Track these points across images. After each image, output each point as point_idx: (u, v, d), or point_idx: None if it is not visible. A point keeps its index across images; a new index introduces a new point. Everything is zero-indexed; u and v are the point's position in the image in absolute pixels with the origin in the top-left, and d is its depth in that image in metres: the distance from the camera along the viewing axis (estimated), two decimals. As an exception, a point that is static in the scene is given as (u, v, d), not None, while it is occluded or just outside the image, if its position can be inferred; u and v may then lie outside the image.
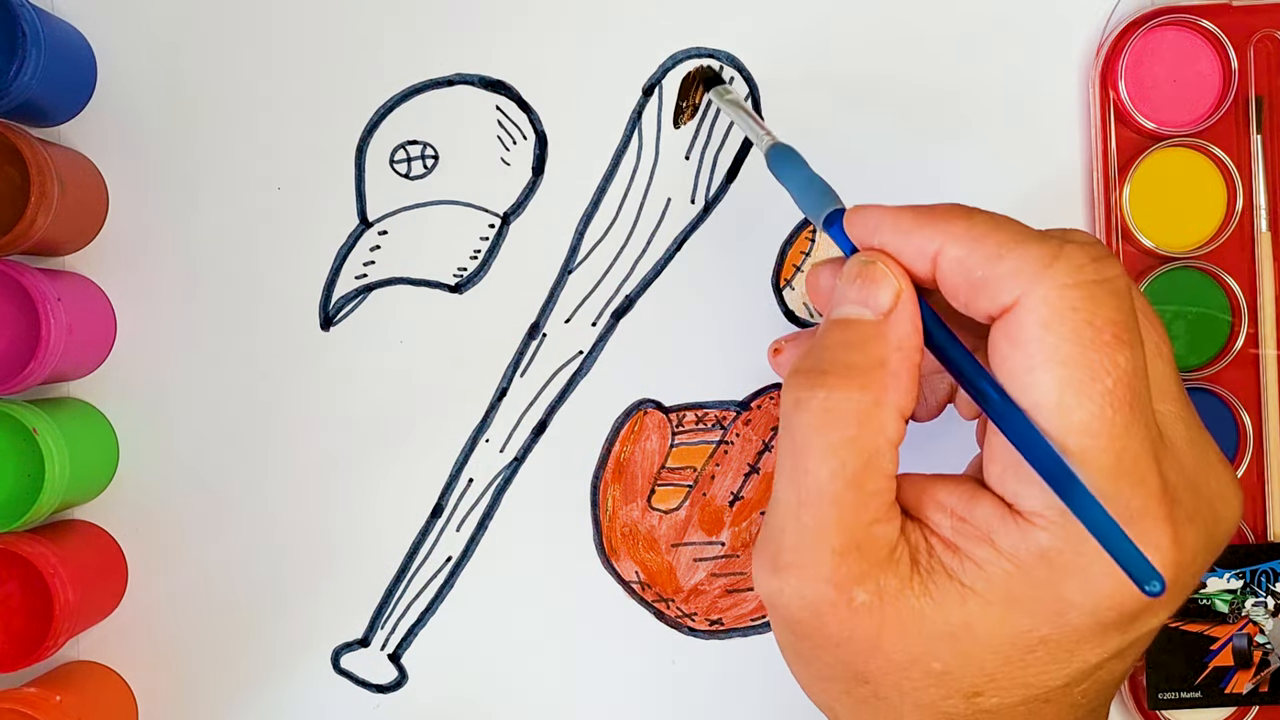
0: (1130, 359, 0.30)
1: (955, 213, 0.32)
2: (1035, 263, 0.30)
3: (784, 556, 0.32)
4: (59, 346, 0.42)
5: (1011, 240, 0.31)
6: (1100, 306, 0.30)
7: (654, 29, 0.46)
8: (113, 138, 0.46)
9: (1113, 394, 0.30)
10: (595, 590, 0.47)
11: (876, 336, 0.32)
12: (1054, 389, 0.30)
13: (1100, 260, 0.31)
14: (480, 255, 0.47)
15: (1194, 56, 0.46)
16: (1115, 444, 0.30)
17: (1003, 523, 0.31)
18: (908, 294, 0.32)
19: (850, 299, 0.33)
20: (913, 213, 0.33)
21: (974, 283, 0.31)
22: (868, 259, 0.33)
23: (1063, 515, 0.30)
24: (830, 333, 0.33)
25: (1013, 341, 0.30)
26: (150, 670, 0.46)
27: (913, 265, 0.32)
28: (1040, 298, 0.30)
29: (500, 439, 0.47)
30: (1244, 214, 0.46)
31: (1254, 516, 0.46)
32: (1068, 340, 0.30)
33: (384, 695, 0.47)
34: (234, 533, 0.46)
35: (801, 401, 0.31)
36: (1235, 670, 0.46)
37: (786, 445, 0.32)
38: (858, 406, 0.31)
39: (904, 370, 0.32)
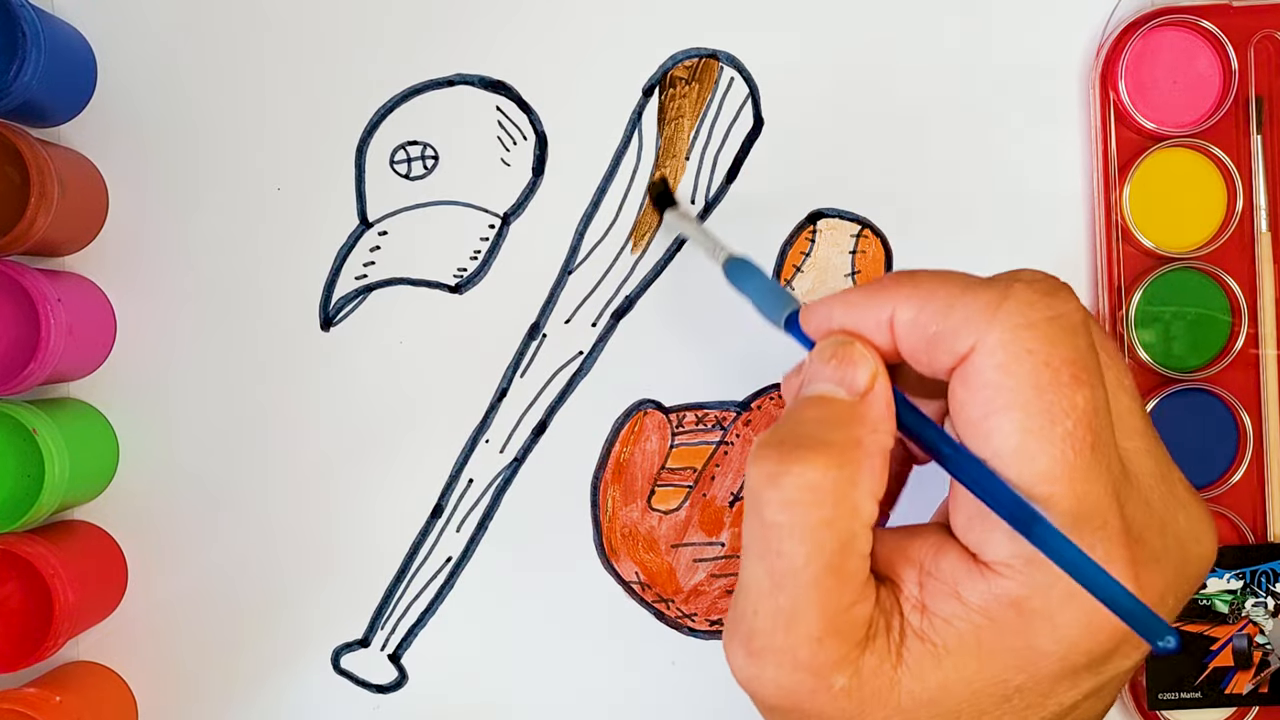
0: (1089, 398, 0.29)
1: (900, 278, 0.32)
2: (985, 307, 0.30)
3: (758, 640, 0.31)
4: (59, 347, 0.42)
5: (958, 290, 0.31)
6: (1056, 345, 0.29)
7: (654, 29, 0.46)
8: (113, 138, 0.46)
9: (1073, 436, 0.29)
10: (595, 590, 0.47)
11: (853, 416, 0.31)
12: (1014, 435, 0.29)
13: (1051, 295, 0.30)
14: (480, 255, 0.47)
15: (1194, 56, 0.46)
16: (1077, 488, 0.29)
17: (968, 574, 0.30)
18: (883, 376, 0.31)
19: (825, 377, 0.32)
20: (859, 290, 0.32)
21: (930, 339, 0.31)
22: (843, 340, 0.32)
23: (1028, 564, 0.29)
24: (804, 409, 0.32)
25: (970, 388, 0.30)
26: (150, 670, 0.46)
27: (873, 339, 0.32)
28: (995, 341, 0.29)
29: (500, 439, 0.47)
30: (1244, 214, 0.46)
31: (1254, 516, 0.46)
32: (1025, 383, 0.29)
33: (384, 695, 0.47)
34: (234, 533, 0.46)
35: (775, 477, 0.30)
36: (1235, 671, 0.46)
37: (755, 523, 0.31)
38: (834, 485, 0.30)
39: (877, 452, 0.31)
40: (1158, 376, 0.46)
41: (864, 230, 0.47)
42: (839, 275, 0.47)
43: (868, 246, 0.47)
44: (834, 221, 0.47)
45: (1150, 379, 0.46)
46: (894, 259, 0.47)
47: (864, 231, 0.47)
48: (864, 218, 0.47)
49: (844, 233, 0.47)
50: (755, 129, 0.47)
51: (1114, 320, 0.46)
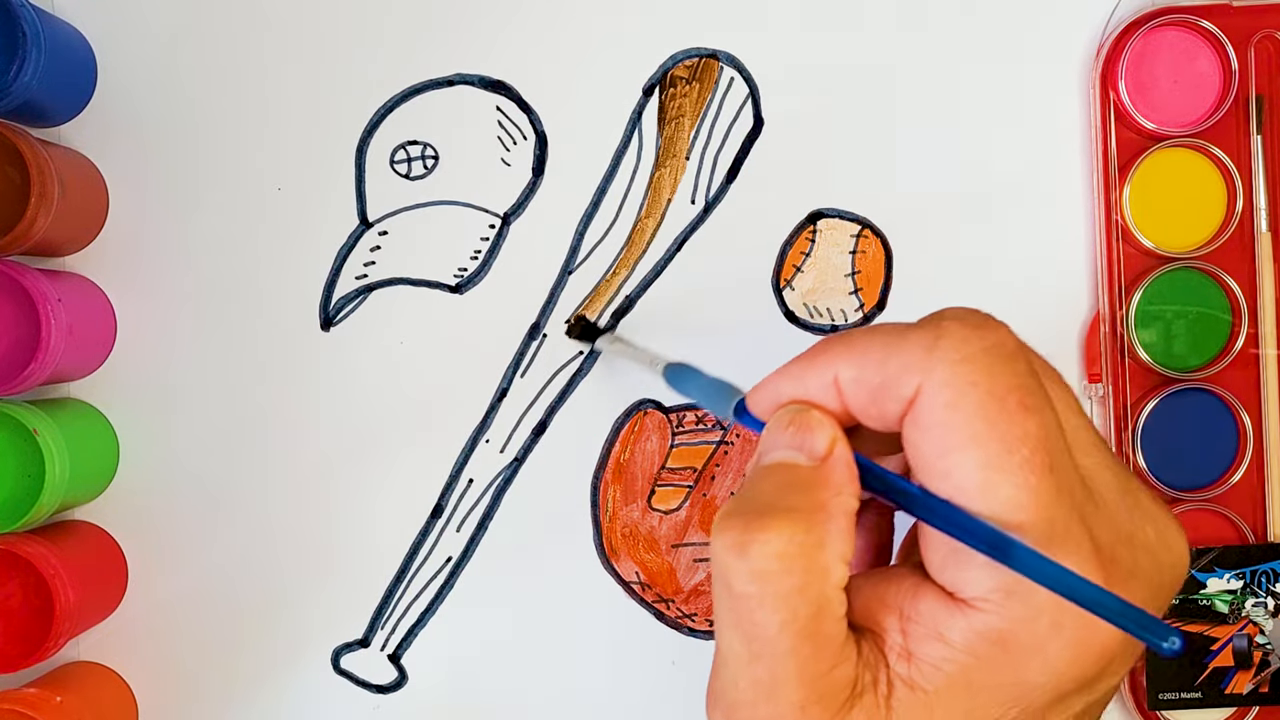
0: (1040, 423, 0.29)
1: (833, 341, 0.32)
2: (920, 349, 0.30)
3: (741, 712, 0.31)
4: (59, 347, 0.42)
5: (892, 339, 0.30)
6: (997, 375, 0.29)
7: (654, 29, 0.46)
8: (113, 138, 0.46)
9: (1031, 462, 0.29)
10: (595, 590, 0.47)
11: (815, 480, 0.31)
12: (973, 471, 0.29)
13: (981, 327, 0.30)
14: (480, 255, 0.47)
15: (1194, 56, 0.46)
16: (1044, 514, 0.29)
17: (949, 614, 0.30)
18: (841, 440, 0.31)
19: (784, 444, 0.32)
20: (797, 361, 0.32)
21: (874, 392, 0.30)
22: (798, 408, 0.32)
23: (1007, 596, 0.29)
24: (764, 478, 0.31)
25: (921, 430, 0.30)
26: (150, 670, 0.46)
27: (823, 404, 0.32)
28: (938, 380, 0.29)
29: (500, 439, 0.47)
30: (1244, 214, 0.46)
31: (1254, 516, 0.46)
32: (974, 417, 0.29)
33: (384, 695, 0.47)
34: (234, 533, 0.46)
35: (741, 547, 0.29)
36: (1235, 671, 0.46)
37: (724, 595, 0.30)
38: (802, 551, 0.29)
39: (842, 514, 0.31)
40: (1158, 376, 0.46)
41: (864, 230, 0.47)
42: (839, 275, 0.47)
43: (868, 246, 0.47)
44: (834, 221, 0.47)
45: (1150, 379, 0.46)
46: (894, 259, 0.47)
47: (864, 231, 0.47)
48: (864, 218, 0.47)
49: (844, 233, 0.47)
50: (755, 129, 0.47)
51: (1114, 320, 0.46)
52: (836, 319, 0.47)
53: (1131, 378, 0.46)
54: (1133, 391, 0.46)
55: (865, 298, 0.47)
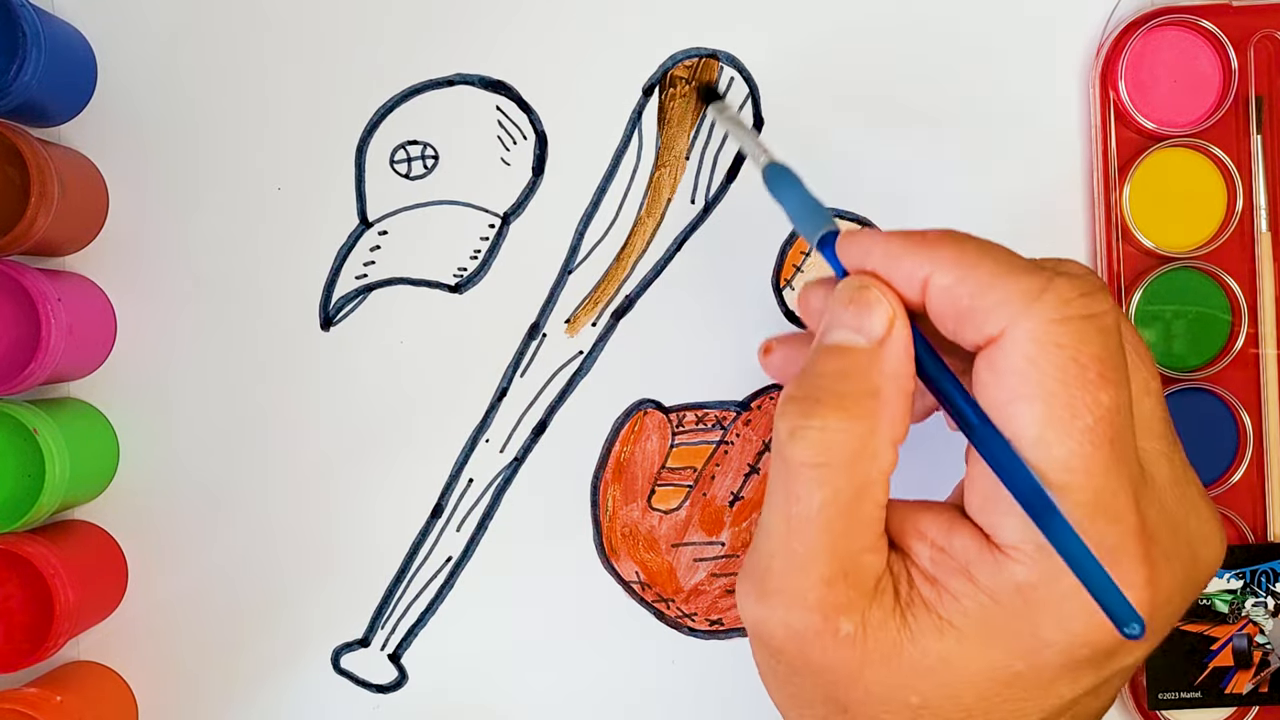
0: (1114, 397, 0.30)
1: (945, 239, 0.32)
2: (1023, 295, 0.30)
3: (771, 583, 0.32)
4: (59, 347, 0.42)
5: (1001, 270, 0.30)
6: (1086, 343, 0.30)
7: (654, 29, 0.46)
8: (113, 138, 0.46)
9: (1093, 431, 0.29)
10: (595, 590, 0.47)
11: (870, 365, 0.31)
12: (1034, 424, 0.29)
13: (1090, 295, 0.30)
14: (480, 255, 0.47)
15: (1194, 56, 0.46)
16: (1094, 481, 0.29)
17: (980, 555, 0.31)
18: (901, 321, 0.32)
19: (843, 323, 0.32)
20: (903, 238, 0.32)
21: (961, 311, 0.31)
22: (861, 283, 0.32)
23: (1039, 550, 0.30)
24: (823, 359, 0.32)
25: (996, 373, 0.30)
26: (150, 670, 0.46)
27: (903, 290, 0.32)
28: (1026, 331, 0.30)
29: (500, 439, 0.47)
30: (1244, 214, 0.46)
31: (1254, 516, 0.46)
32: (1051, 376, 0.29)
33: (384, 695, 0.47)
34: (234, 533, 0.46)
35: (796, 431, 0.31)
36: (1235, 670, 0.46)
37: (779, 474, 0.31)
38: (852, 437, 0.31)
39: (897, 399, 0.31)
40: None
41: (864, 230, 0.47)
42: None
43: (868, 246, 0.47)
44: (834, 221, 0.47)
45: (1150, 379, 0.46)
46: (894, 259, 0.47)
47: (864, 231, 0.47)
48: (864, 218, 0.47)
49: (844, 233, 0.47)
50: (755, 129, 0.47)
51: (1114, 320, 0.46)
52: (836, 319, 0.47)
53: (1131, 378, 0.46)
54: (1133, 391, 0.46)
55: (865, 298, 0.47)
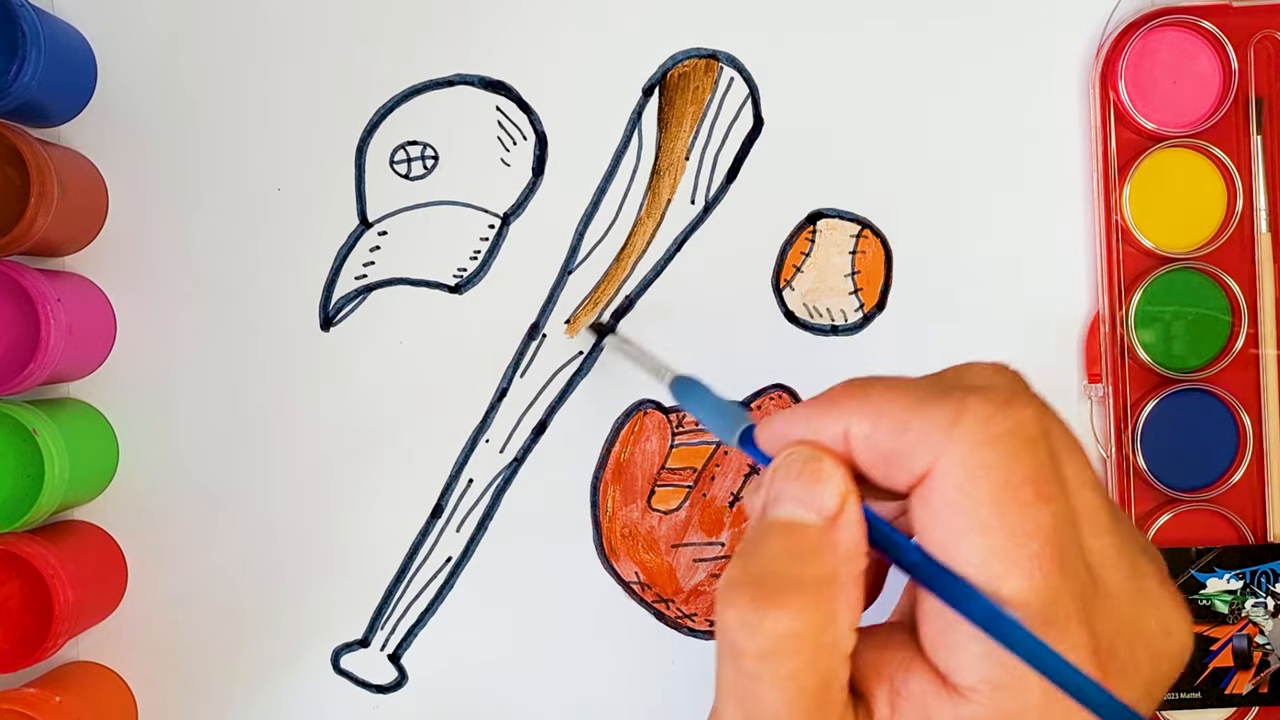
0: (1055, 513, 0.28)
1: (850, 390, 0.31)
2: (940, 426, 0.29)
3: None
4: (59, 347, 0.42)
5: (911, 405, 0.29)
6: (1016, 461, 0.28)
7: (654, 29, 0.46)
8: (113, 138, 0.46)
9: (1040, 556, 0.28)
10: (595, 590, 0.47)
11: (824, 546, 0.30)
12: (979, 559, 0.28)
13: (1007, 405, 0.29)
14: (480, 255, 0.47)
15: (1194, 56, 0.46)
16: (1046, 610, 0.28)
17: (937, 697, 0.30)
18: (854, 497, 0.30)
19: (791, 497, 0.30)
20: (810, 405, 0.31)
21: (885, 456, 0.30)
22: (810, 454, 0.31)
23: (996, 690, 0.29)
24: (771, 538, 0.30)
25: (930, 509, 0.29)
26: (150, 670, 0.46)
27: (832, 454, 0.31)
28: (952, 461, 0.28)
29: (500, 439, 0.47)
30: (1244, 214, 0.46)
31: (1254, 517, 0.46)
32: (986, 505, 0.28)
33: (384, 695, 0.47)
34: (234, 533, 0.46)
35: (749, 626, 0.29)
36: (1235, 671, 0.46)
37: (730, 666, 0.29)
38: (812, 629, 0.29)
39: (852, 581, 0.30)
40: (1158, 376, 0.46)
41: (864, 230, 0.47)
42: (839, 275, 0.47)
43: (868, 246, 0.47)
44: (834, 221, 0.47)
45: (1150, 379, 0.46)
46: (894, 259, 0.47)
47: (864, 231, 0.47)
48: (864, 218, 0.47)
49: (844, 233, 0.47)
50: (755, 129, 0.47)
51: (1114, 320, 0.46)
52: (836, 319, 0.47)
53: (1131, 378, 0.46)
54: (1133, 392, 0.46)
55: (865, 298, 0.47)
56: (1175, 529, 0.46)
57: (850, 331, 0.47)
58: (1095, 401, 0.47)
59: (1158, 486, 0.46)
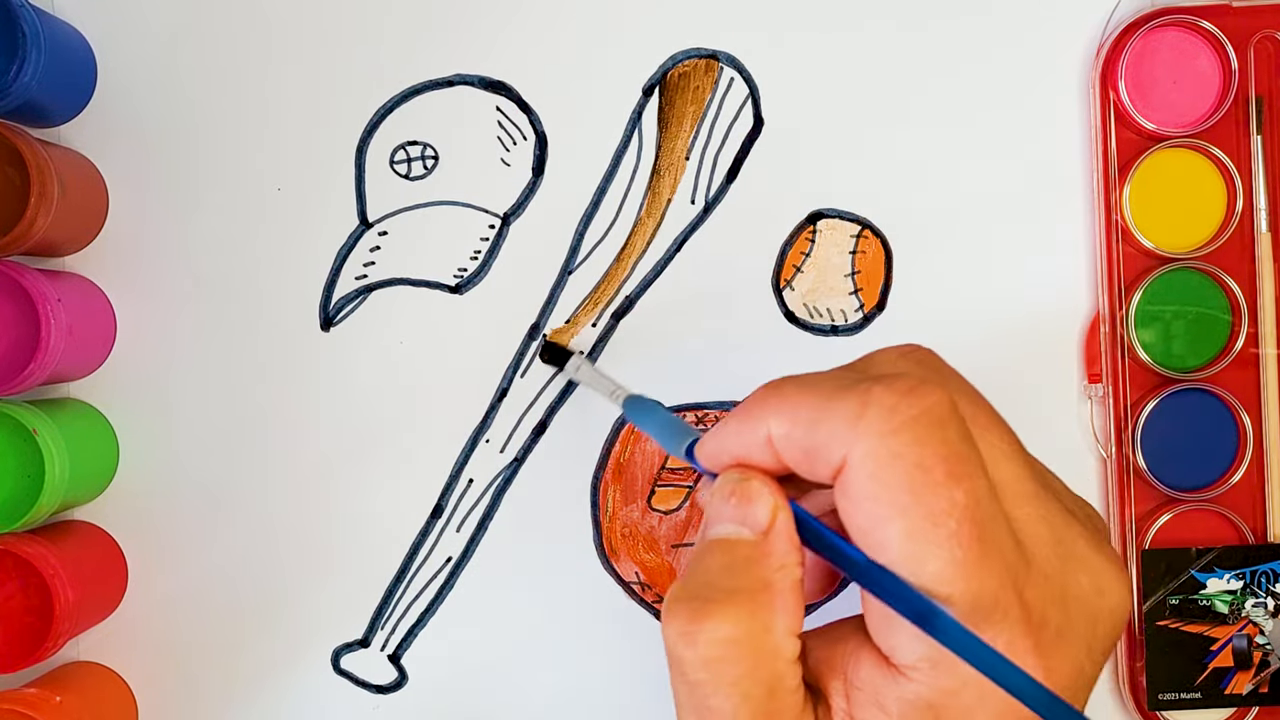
0: (969, 490, 0.29)
1: (769, 392, 0.31)
2: (846, 419, 0.29)
3: None
4: (59, 347, 0.42)
5: (821, 402, 0.30)
6: (924, 445, 0.29)
7: (654, 29, 0.46)
8: (113, 138, 0.46)
9: (959, 535, 0.29)
10: (595, 590, 0.47)
11: (758, 557, 0.31)
12: (900, 543, 0.29)
13: (912, 392, 0.29)
14: (480, 256, 0.47)
15: (1194, 56, 0.46)
16: (971, 585, 0.29)
17: (884, 680, 0.30)
18: (784, 511, 0.31)
19: (726, 517, 0.31)
20: (737, 413, 0.32)
21: (806, 452, 0.30)
22: (742, 476, 0.32)
23: (934, 666, 0.29)
24: (708, 555, 0.31)
25: (849, 499, 0.30)
26: (150, 670, 0.47)
27: (762, 461, 0.32)
28: (862, 452, 0.29)
29: (500, 439, 0.47)
30: (1244, 214, 0.46)
31: (1254, 517, 0.46)
32: (900, 490, 0.29)
33: (384, 696, 0.47)
34: (234, 533, 0.46)
35: (688, 636, 0.30)
36: (1235, 671, 0.46)
37: (680, 680, 0.30)
38: (749, 635, 0.30)
39: (788, 588, 0.31)
40: (1158, 376, 0.46)
41: (864, 230, 0.47)
42: (839, 275, 0.47)
43: (868, 246, 0.47)
44: (834, 221, 0.47)
45: (1150, 379, 0.46)
46: (894, 259, 0.47)
47: (864, 231, 0.47)
48: (864, 218, 0.47)
49: (844, 233, 0.47)
50: (755, 129, 0.47)
51: (1114, 320, 0.46)
52: (836, 319, 0.47)
53: (1131, 378, 0.46)
54: (1133, 391, 0.46)
55: (865, 298, 0.47)
56: (1175, 529, 0.46)
57: (850, 331, 0.47)
58: (1095, 401, 0.47)
59: (1158, 486, 0.46)
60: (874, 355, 0.33)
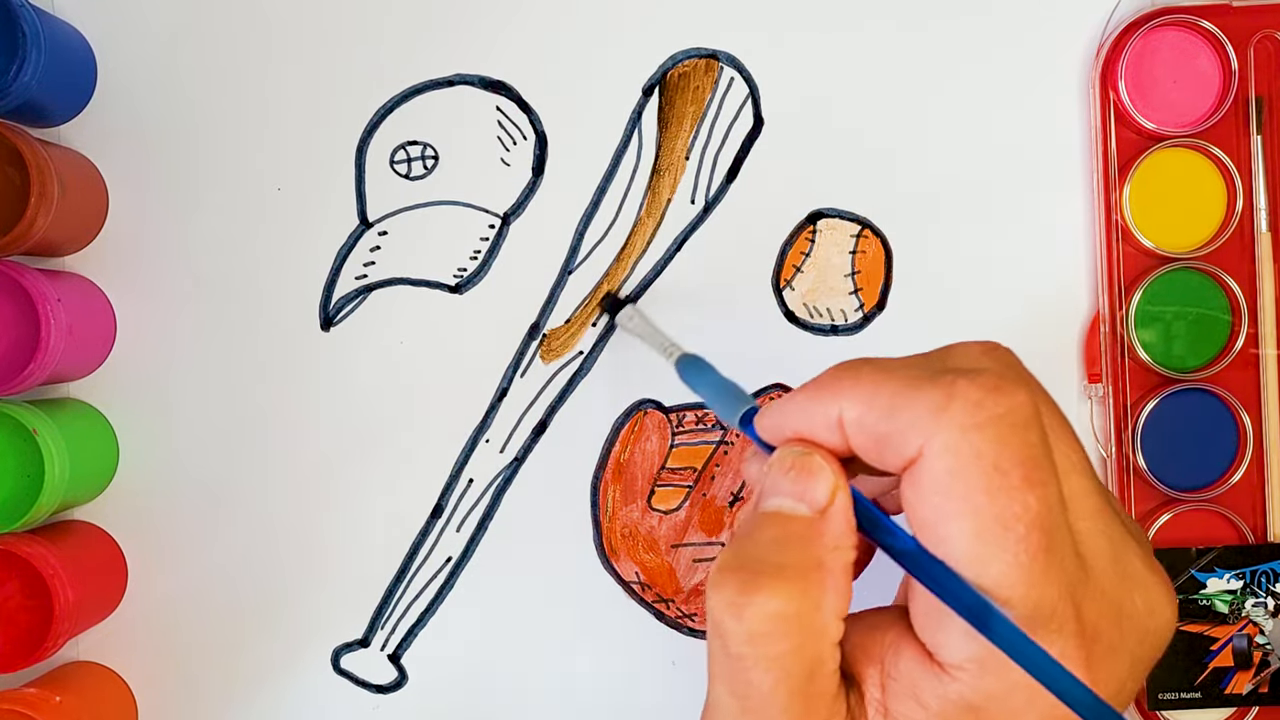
0: (1042, 498, 0.29)
1: (843, 373, 0.31)
2: (929, 410, 0.29)
3: None
4: (59, 347, 0.42)
5: (902, 388, 0.29)
6: (1005, 446, 0.28)
7: (654, 29, 0.46)
8: (113, 138, 0.46)
9: (1027, 541, 0.28)
10: (595, 590, 0.47)
11: (813, 535, 0.30)
12: (966, 542, 0.28)
13: (998, 389, 0.29)
14: (480, 255, 0.47)
15: (1194, 56, 0.46)
16: (1033, 593, 0.28)
17: (925, 676, 0.30)
18: (844, 491, 0.31)
19: (783, 490, 0.31)
20: (806, 389, 0.31)
21: (878, 439, 0.30)
22: (802, 451, 0.31)
23: (981, 668, 0.29)
24: (762, 528, 0.31)
25: (919, 492, 0.29)
26: (150, 670, 0.47)
27: (827, 440, 0.31)
28: (941, 445, 0.29)
29: (500, 439, 0.47)
30: (1244, 214, 0.46)
31: (1254, 516, 0.46)
32: (976, 489, 0.28)
33: (384, 695, 0.47)
34: (234, 533, 0.46)
35: (737, 608, 0.29)
36: (1235, 671, 0.46)
37: (720, 650, 0.30)
38: (798, 613, 0.29)
39: (840, 569, 0.30)
40: (1158, 376, 0.46)
41: (864, 230, 0.47)
42: (839, 275, 0.47)
43: (868, 246, 0.47)
44: (834, 221, 0.47)
45: (1150, 379, 0.46)
46: (894, 259, 0.47)
47: (864, 231, 0.47)
48: (864, 218, 0.47)
49: (844, 233, 0.47)
50: (755, 129, 0.47)
51: (1114, 320, 0.46)
52: (836, 319, 0.47)
53: (1131, 378, 0.46)
54: (1133, 391, 0.46)
55: (865, 298, 0.47)
56: (1175, 529, 0.46)
57: (850, 331, 0.47)
58: (1095, 401, 0.47)
59: (1158, 486, 0.46)
60: (953, 348, 0.32)
